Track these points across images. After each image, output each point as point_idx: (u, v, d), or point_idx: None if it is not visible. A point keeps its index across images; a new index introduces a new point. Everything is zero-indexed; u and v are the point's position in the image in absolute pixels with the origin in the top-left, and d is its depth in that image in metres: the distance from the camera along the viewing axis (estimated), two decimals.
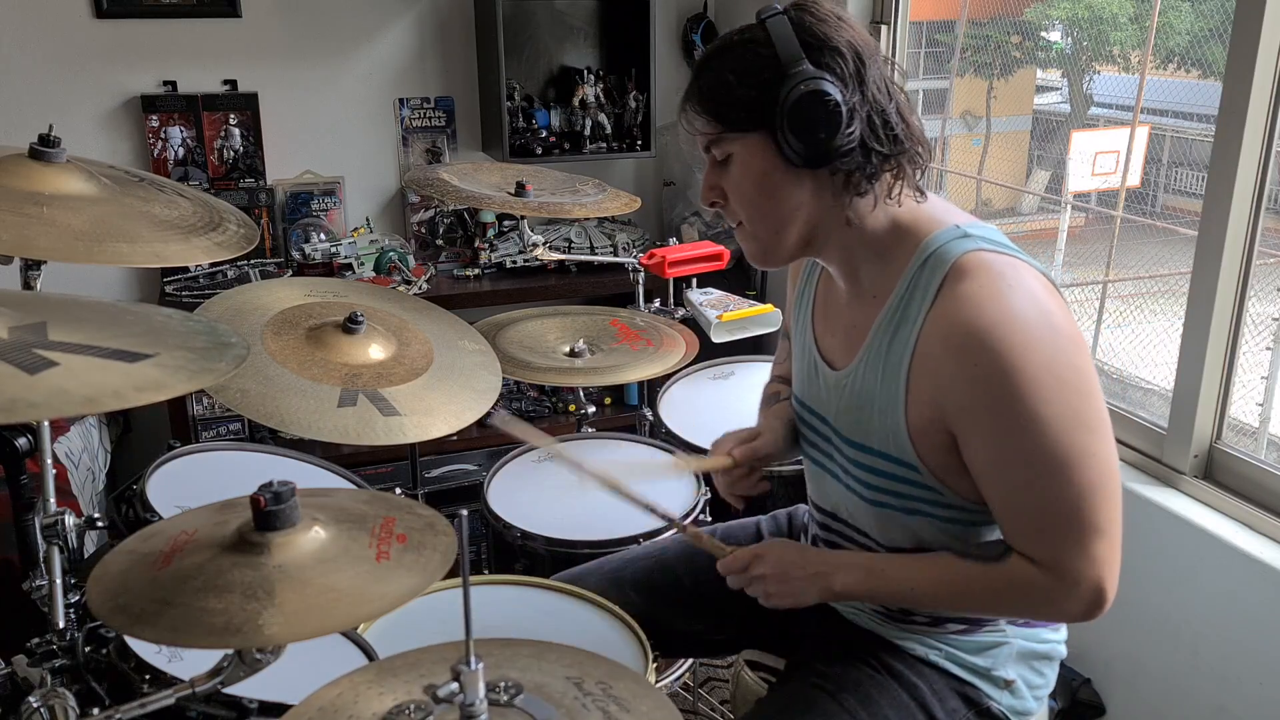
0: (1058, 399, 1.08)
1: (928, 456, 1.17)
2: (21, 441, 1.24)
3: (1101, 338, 2.56)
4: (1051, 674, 1.34)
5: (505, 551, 1.75)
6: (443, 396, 1.60)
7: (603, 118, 3.16)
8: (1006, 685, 1.28)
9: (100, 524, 1.33)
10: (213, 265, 2.83)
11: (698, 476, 1.84)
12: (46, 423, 1.27)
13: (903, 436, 1.17)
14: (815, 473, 1.37)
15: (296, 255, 2.96)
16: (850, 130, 1.11)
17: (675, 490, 1.84)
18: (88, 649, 1.22)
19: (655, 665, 1.35)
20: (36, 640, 1.21)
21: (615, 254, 3.00)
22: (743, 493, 1.42)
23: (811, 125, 1.11)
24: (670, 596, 1.50)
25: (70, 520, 1.26)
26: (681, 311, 2.24)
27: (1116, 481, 1.13)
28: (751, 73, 1.13)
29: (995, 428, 1.10)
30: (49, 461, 1.29)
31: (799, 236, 1.20)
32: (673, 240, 2.31)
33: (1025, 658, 1.30)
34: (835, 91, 1.10)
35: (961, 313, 1.10)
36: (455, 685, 0.83)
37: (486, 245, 3.12)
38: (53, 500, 1.28)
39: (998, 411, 1.09)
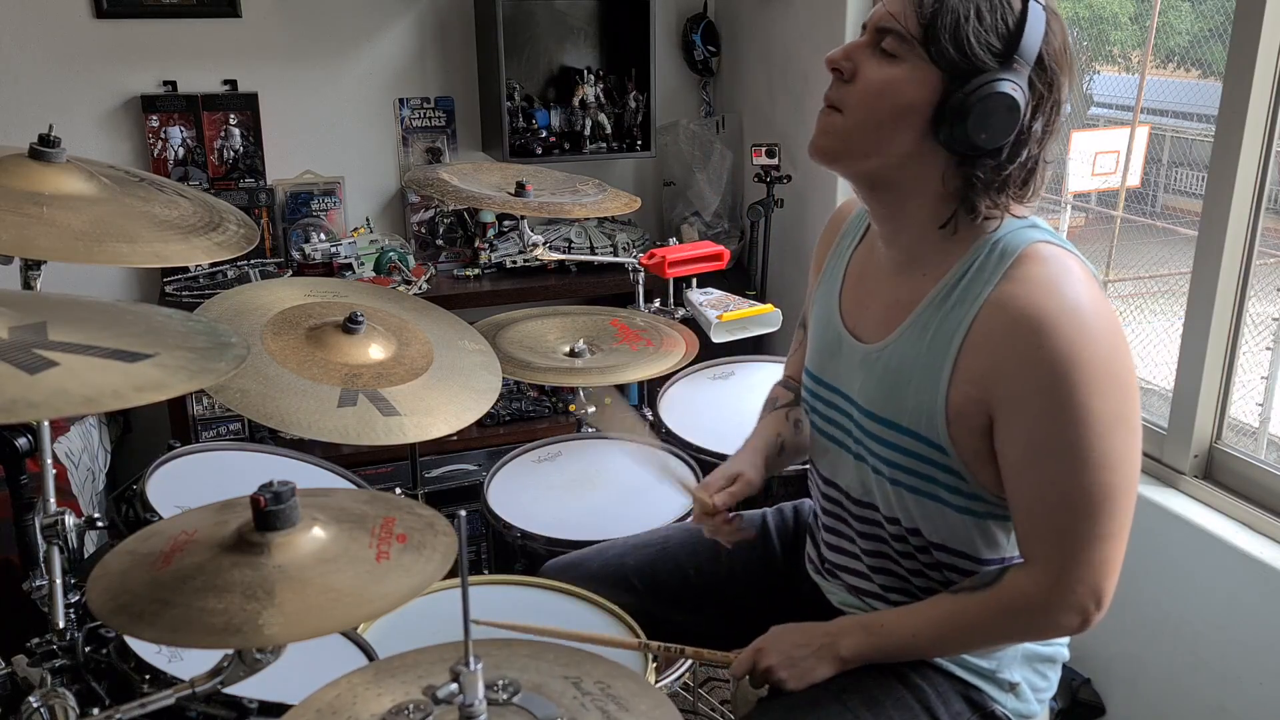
0: (1110, 396, 1.08)
1: (960, 439, 1.16)
2: (21, 441, 1.24)
3: None
4: (1055, 676, 1.33)
5: (505, 551, 1.75)
6: (443, 396, 1.60)
7: (603, 118, 3.16)
8: (1011, 688, 1.28)
9: (100, 524, 1.32)
10: (213, 265, 2.83)
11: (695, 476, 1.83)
12: (46, 423, 1.26)
13: (938, 415, 1.16)
14: (827, 448, 1.35)
15: (296, 255, 2.96)
16: (1020, 158, 1.12)
17: (676, 491, 1.84)
18: (88, 649, 1.22)
19: (655, 665, 1.35)
20: (36, 640, 1.21)
21: (615, 254, 3.00)
22: (727, 539, 1.41)
23: (985, 122, 1.09)
24: (673, 586, 1.49)
25: (70, 520, 1.26)
26: (681, 311, 2.24)
27: (1136, 487, 1.13)
28: (990, 29, 1.09)
29: (1043, 415, 1.09)
30: (49, 461, 1.29)
31: (877, 173, 1.18)
32: (673, 240, 2.31)
33: (1030, 660, 1.30)
34: (1024, 113, 1.10)
35: (1030, 297, 1.10)
36: (454, 686, 0.83)
37: (486, 245, 3.12)
38: (53, 500, 1.28)
39: (1051, 399, 1.08)
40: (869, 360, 1.25)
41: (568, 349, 2.02)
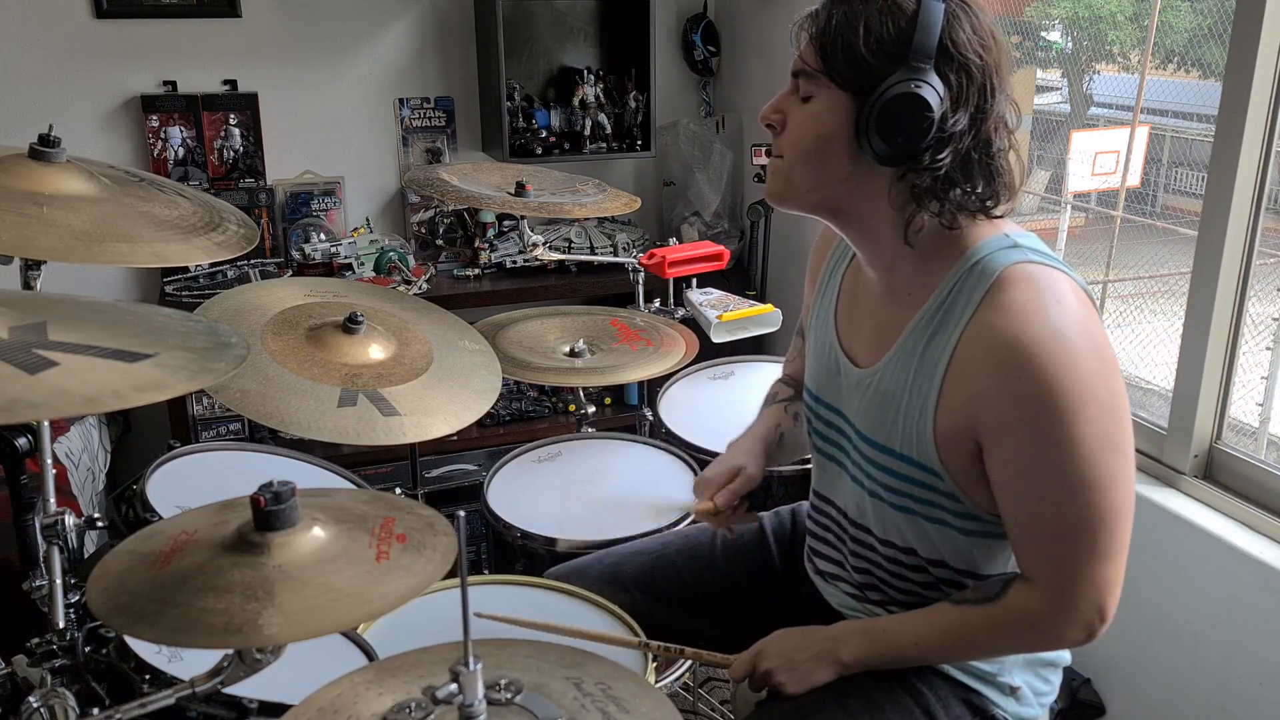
0: (1093, 420, 1.07)
1: (950, 463, 1.16)
2: (21, 441, 1.24)
3: None
4: (1056, 680, 1.33)
5: (505, 551, 1.75)
6: (443, 396, 1.60)
7: (603, 118, 3.16)
8: (1012, 692, 1.28)
9: (100, 524, 1.33)
10: (213, 265, 2.83)
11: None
12: (46, 423, 1.27)
13: (928, 441, 1.16)
14: (826, 467, 1.36)
15: (296, 255, 2.96)
16: (941, 156, 1.10)
17: (676, 491, 1.84)
18: (88, 649, 1.22)
19: (655, 665, 1.35)
20: (36, 640, 1.21)
21: (615, 254, 3.00)
22: (734, 525, 1.43)
23: (895, 127, 1.08)
24: (671, 593, 1.49)
25: (70, 520, 1.26)
26: (681, 311, 2.24)
27: (1132, 506, 1.13)
28: (879, 38, 1.09)
29: (1028, 442, 1.09)
30: (49, 461, 1.29)
31: (827, 204, 1.19)
32: (673, 240, 2.31)
33: (1031, 664, 1.30)
34: (938, 109, 1.08)
35: (1008, 324, 1.09)
36: (454, 686, 0.83)
37: (486, 245, 3.12)
38: (53, 500, 1.28)
39: (1034, 427, 1.08)
40: (863, 384, 1.25)
41: (568, 349, 2.02)
